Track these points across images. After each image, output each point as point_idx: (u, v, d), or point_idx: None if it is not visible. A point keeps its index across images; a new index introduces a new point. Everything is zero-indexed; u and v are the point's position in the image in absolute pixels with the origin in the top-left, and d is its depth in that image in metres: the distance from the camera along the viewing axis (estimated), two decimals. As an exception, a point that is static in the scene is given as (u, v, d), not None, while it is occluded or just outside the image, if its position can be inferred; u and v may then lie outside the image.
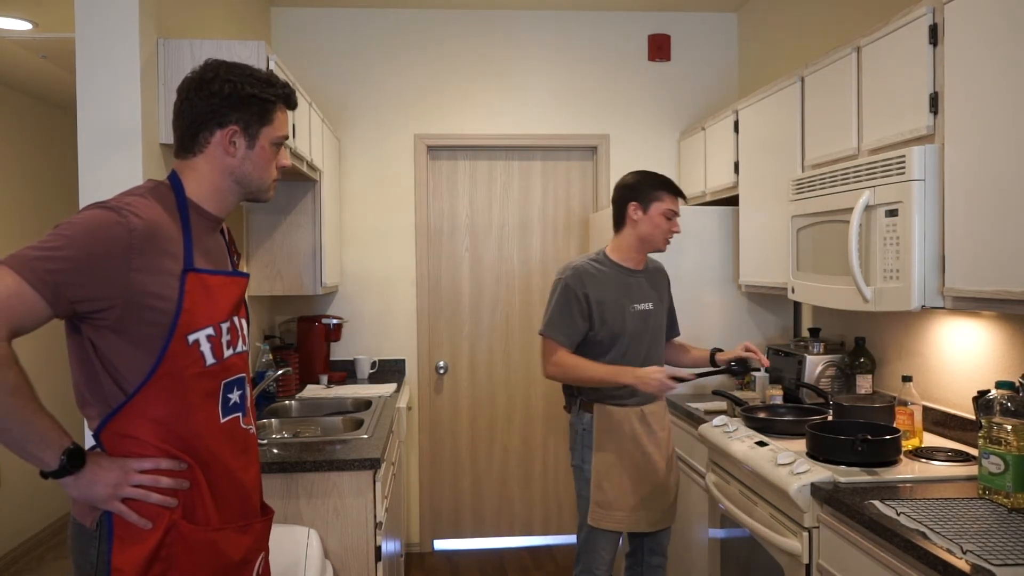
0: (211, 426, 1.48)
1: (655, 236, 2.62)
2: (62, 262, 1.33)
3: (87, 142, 2.27)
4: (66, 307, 1.35)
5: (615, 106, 4.39)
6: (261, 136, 1.54)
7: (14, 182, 4.51)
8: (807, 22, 3.57)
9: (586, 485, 2.62)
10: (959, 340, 2.52)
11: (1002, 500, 1.84)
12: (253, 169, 1.56)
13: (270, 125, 1.55)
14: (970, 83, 1.94)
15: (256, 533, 1.58)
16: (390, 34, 4.28)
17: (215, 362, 1.48)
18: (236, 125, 1.52)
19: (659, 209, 2.60)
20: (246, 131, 1.53)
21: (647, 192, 2.61)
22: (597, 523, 2.59)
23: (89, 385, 1.43)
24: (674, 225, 2.63)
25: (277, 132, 1.57)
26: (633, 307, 2.63)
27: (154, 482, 1.41)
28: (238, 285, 1.58)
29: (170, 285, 1.41)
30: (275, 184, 1.63)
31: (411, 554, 4.31)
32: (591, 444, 2.60)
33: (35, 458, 1.36)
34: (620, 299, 2.61)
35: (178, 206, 1.49)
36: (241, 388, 1.56)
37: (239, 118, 1.52)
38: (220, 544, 1.48)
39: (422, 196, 4.33)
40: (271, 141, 1.56)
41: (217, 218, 1.58)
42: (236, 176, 1.55)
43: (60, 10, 2.95)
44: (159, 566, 1.41)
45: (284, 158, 1.63)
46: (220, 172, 1.54)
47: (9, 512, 4.33)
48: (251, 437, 1.60)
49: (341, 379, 3.99)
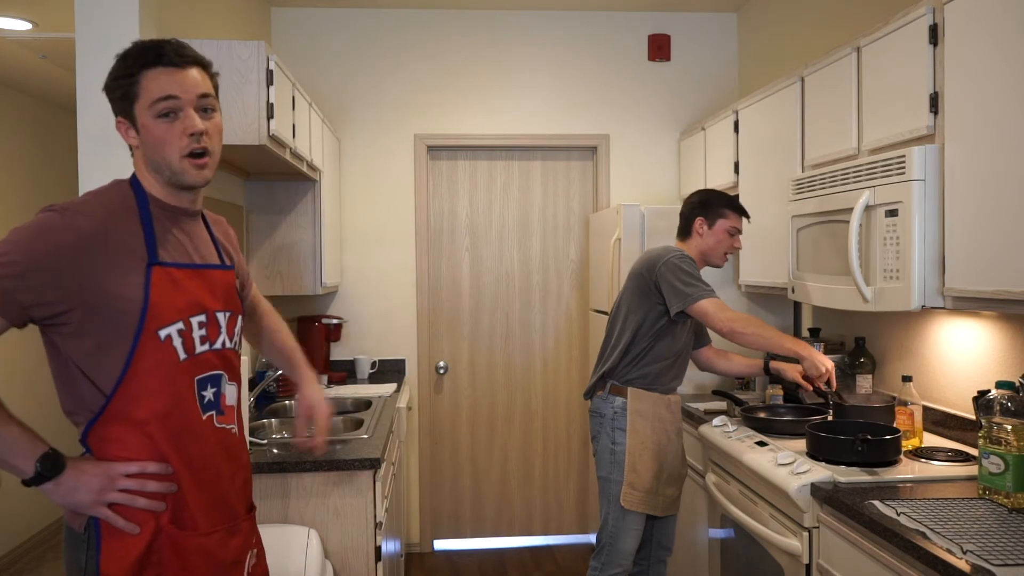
0: (194, 423, 1.46)
1: (716, 250, 2.74)
2: (9, 267, 1.31)
3: (87, 142, 2.27)
4: (20, 315, 1.33)
5: (615, 106, 4.39)
6: (137, 115, 1.42)
7: (14, 182, 4.51)
8: (807, 22, 3.57)
9: (617, 468, 2.66)
10: (959, 340, 2.52)
11: (1002, 500, 1.84)
12: (152, 152, 1.44)
13: (139, 99, 1.41)
14: (970, 83, 1.94)
15: (243, 533, 1.56)
16: (390, 34, 4.28)
17: (187, 357, 1.44)
18: (118, 116, 1.46)
19: (724, 226, 2.73)
20: (127, 118, 1.44)
21: (714, 208, 2.73)
22: (632, 505, 2.63)
23: (69, 392, 1.41)
24: (736, 241, 2.76)
25: (148, 101, 1.41)
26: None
27: (140, 486, 1.39)
28: (211, 278, 1.52)
29: (131, 283, 1.38)
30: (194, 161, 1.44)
31: (411, 554, 4.31)
32: (624, 426, 2.66)
33: (11, 467, 1.35)
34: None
35: (137, 201, 1.45)
36: (216, 386, 1.51)
37: (116, 110, 1.45)
38: (211, 548, 1.46)
39: (422, 196, 4.33)
40: (150, 114, 1.41)
41: (179, 208, 1.50)
42: (147, 162, 1.46)
43: (60, 10, 2.95)
44: (150, 571, 1.40)
45: (186, 122, 1.42)
46: (141, 163, 1.48)
47: (9, 512, 4.33)
48: (231, 437, 1.55)
49: (341, 379, 3.99)
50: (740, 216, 2.76)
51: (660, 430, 2.69)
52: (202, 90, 1.45)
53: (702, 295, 2.54)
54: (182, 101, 1.42)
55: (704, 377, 3.53)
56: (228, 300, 1.56)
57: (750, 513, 2.43)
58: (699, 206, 2.76)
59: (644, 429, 2.67)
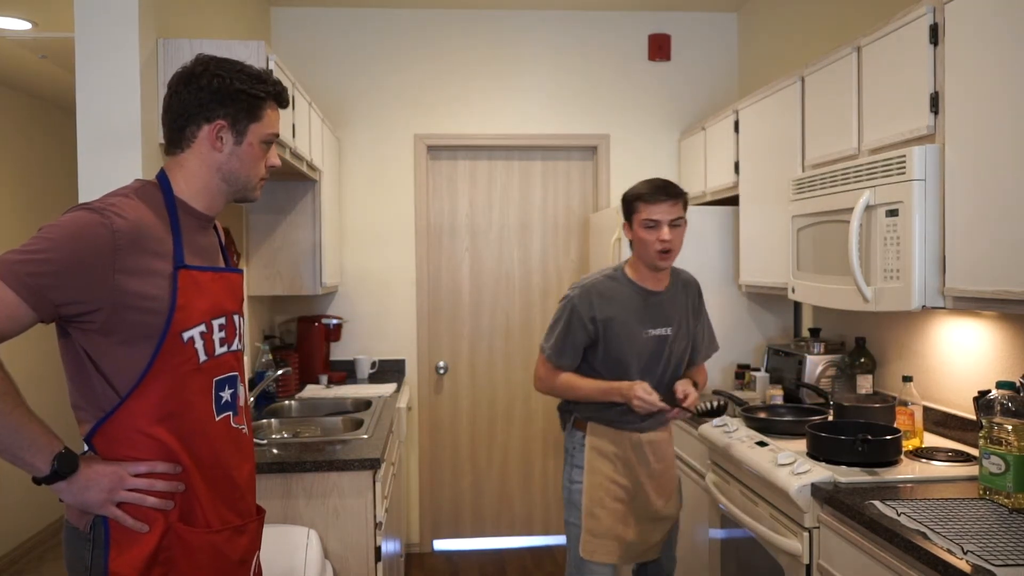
0: (207, 424, 1.48)
1: (644, 254, 2.36)
2: (44, 265, 1.31)
3: (87, 142, 2.27)
4: (50, 311, 1.34)
5: (615, 106, 4.39)
6: (249, 132, 1.51)
7: (14, 182, 4.51)
8: (807, 22, 3.57)
9: (574, 510, 2.42)
10: (959, 340, 2.52)
11: (1003, 500, 1.84)
12: (240, 166, 1.52)
13: (259, 122, 1.52)
14: (970, 83, 1.94)
15: (251, 533, 1.57)
16: (390, 34, 4.28)
17: (207, 359, 1.47)
18: (223, 120, 1.49)
19: (638, 221, 2.35)
20: (234, 127, 1.50)
21: (628, 206, 2.40)
22: (591, 555, 2.37)
23: (82, 389, 1.42)
24: (658, 233, 2.31)
25: (266, 129, 1.54)
26: (647, 332, 2.39)
27: (149, 486, 1.40)
28: (231, 281, 1.57)
29: (160, 285, 1.40)
30: (263, 183, 1.60)
31: (411, 554, 4.31)
32: (582, 463, 2.41)
33: (26, 464, 1.34)
34: (631, 322, 2.38)
35: (166, 205, 1.47)
36: (233, 387, 1.54)
37: (227, 113, 1.49)
38: (220, 545, 1.48)
39: (422, 196, 4.33)
40: (260, 139, 1.53)
41: (207, 216, 1.55)
42: (223, 173, 1.52)
43: (60, 10, 2.95)
44: (159, 569, 1.40)
45: (273, 157, 1.59)
46: (207, 168, 1.51)
47: (9, 512, 4.33)
48: (244, 437, 1.58)
49: (341, 379, 3.98)
50: (652, 202, 2.31)
51: (626, 474, 2.39)
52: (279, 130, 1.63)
53: (552, 358, 2.42)
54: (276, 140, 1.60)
55: (704, 377, 3.52)
56: (240, 303, 1.61)
57: (750, 513, 2.43)
58: (623, 210, 2.45)
59: (604, 469, 2.38)
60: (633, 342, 2.38)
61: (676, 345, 2.44)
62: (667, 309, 2.44)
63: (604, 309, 2.38)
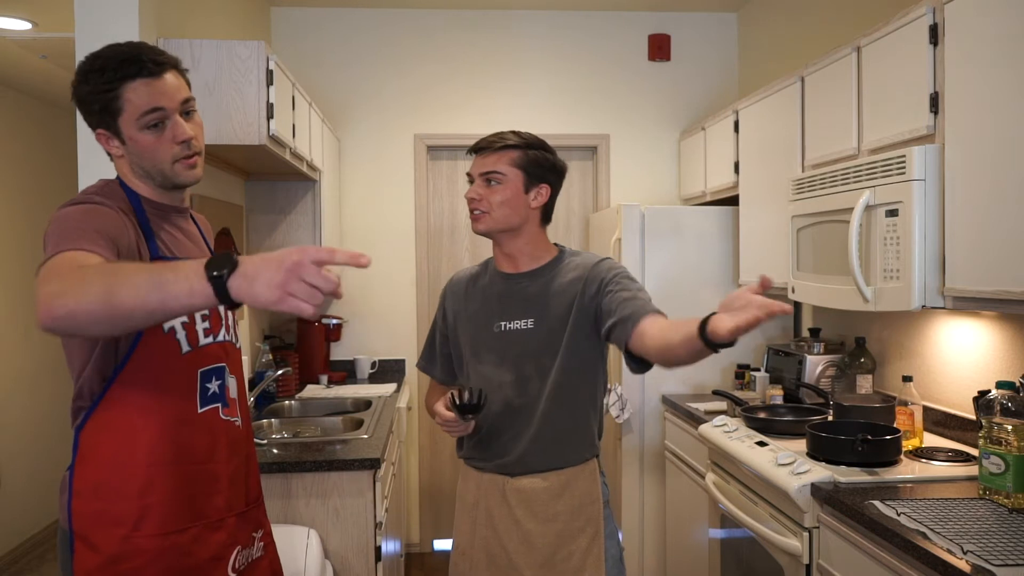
0: (189, 415, 1.44)
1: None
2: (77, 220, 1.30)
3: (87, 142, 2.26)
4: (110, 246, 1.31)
5: (615, 106, 4.39)
6: (122, 128, 1.41)
7: (14, 182, 4.51)
8: (807, 22, 3.57)
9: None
10: (959, 340, 2.52)
11: (1002, 500, 1.84)
12: (141, 161, 1.44)
13: (123, 113, 1.40)
14: (970, 83, 1.94)
15: (229, 528, 1.50)
16: (390, 34, 4.28)
17: (190, 349, 1.45)
18: (100, 128, 1.43)
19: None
20: (109, 129, 1.43)
21: None
22: None
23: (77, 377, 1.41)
24: (469, 192, 1.83)
25: (134, 115, 1.39)
26: (498, 325, 1.82)
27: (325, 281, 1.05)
28: None
29: None
30: (191, 160, 1.46)
31: (411, 554, 4.31)
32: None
33: (188, 295, 1.08)
34: (478, 314, 1.87)
35: (130, 201, 1.46)
36: (220, 378, 1.51)
37: (95, 121, 1.43)
38: (184, 545, 1.42)
39: (422, 196, 4.33)
40: (138, 127, 1.40)
41: (171, 206, 1.52)
42: (137, 171, 1.46)
43: (60, 10, 2.95)
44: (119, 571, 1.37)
45: (177, 130, 1.42)
46: (127, 169, 1.47)
47: (9, 512, 4.33)
48: (236, 430, 1.54)
49: (341, 379, 3.99)
50: (473, 156, 1.86)
51: (489, 534, 1.78)
52: (184, 95, 1.46)
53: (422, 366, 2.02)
54: (168, 111, 1.42)
55: (704, 377, 3.53)
56: None
57: (750, 513, 2.43)
58: None
59: (460, 520, 1.86)
60: (477, 338, 1.86)
61: (540, 341, 1.79)
62: (530, 296, 1.83)
63: (455, 300, 1.94)
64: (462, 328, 1.89)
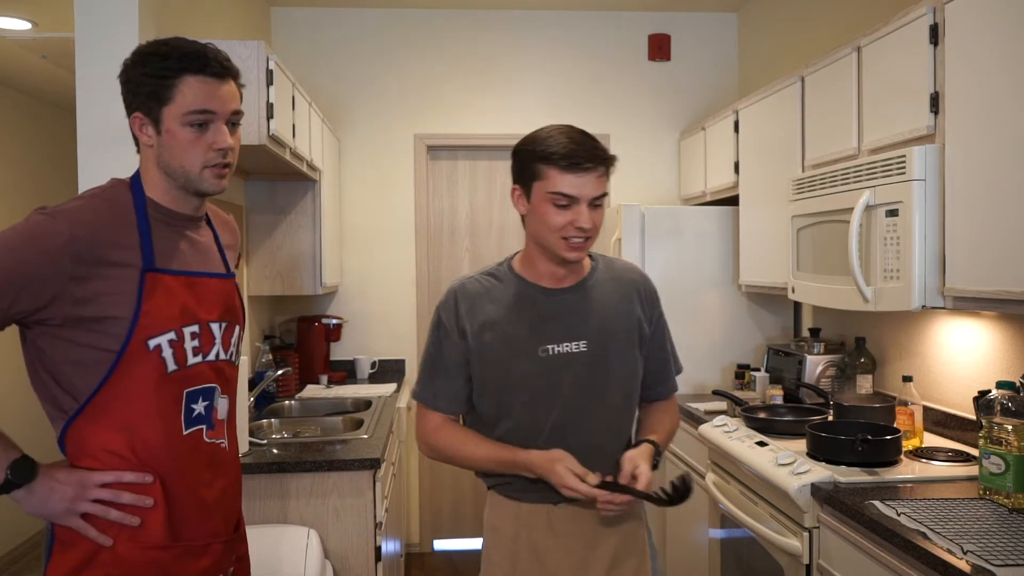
0: (171, 437, 1.39)
1: (546, 238, 1.59)
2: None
3: (87, 142, 2.27)
4: (2, 318, 1.30)
5: (615, 106, 4.39)
6: (165, 118, 1.37)
7: (15, 182, 4.51)
8: (807, 22, 3.57)
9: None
10: (959, 340, 2.52)
11: (1003, 500, 1.84)
12: (170, 156, 1.39)
13: (172, 103, 1.36)
14: (971, 83, 1.94)
15: (215, 554, 1.46)
16: (390, 34, 4.28)
17: (176, 368, 1.38)
18: (139, 112, 1.40)
19: (541, 193, 1.58)
20: (149, 116, 1.39)
21: (527, 167, 1.61)
22: None
23: (43, 393, 1.38)
24: (574, 217, 1.55)
25: (184, 108, 1.36)
26: (544, 349, 1.61)
27: (114, 497, 1.33)
28: (211, 287, 1.47)
29: (122, 289, 1.33)
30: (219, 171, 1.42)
31: (411, 554, 4.31)
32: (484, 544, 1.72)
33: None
34: (516, 333, 1.63)
35: (135, 205, 1.40)
36: (208, 399, 1.44)
37: (138, 104, 1.39)
38: (165, 563, 1.38)
39: (422, 196, 4.33)
40: (180, 121, 1.37)
41: (182, 214, 1.46)
42: (161, 167, 1.41)
43: (60, 10, 2.95)
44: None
45: (217, 136, 1.39)
46: (151, 164, 1.42)
47: (9, 512, 4.32)
48: (221, 452, 1.49)
49: (341, 379, 3.99)
50: (569, 170, 1.54)
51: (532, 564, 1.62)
52: (236, 106, 1.43)
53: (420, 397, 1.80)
54: (217, 116, 1.39)
55: (704, 377, 3.53)
56: (226, 310, 1.50)
57: (750, 513, 2.43)
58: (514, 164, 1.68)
59: (497, 555, 1.66)
60: (518, 363, 1.62)
61: (596, 368, 1.63)
62: (576, 313, 1.65)
63: (476, 313, 1.65)
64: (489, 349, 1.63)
